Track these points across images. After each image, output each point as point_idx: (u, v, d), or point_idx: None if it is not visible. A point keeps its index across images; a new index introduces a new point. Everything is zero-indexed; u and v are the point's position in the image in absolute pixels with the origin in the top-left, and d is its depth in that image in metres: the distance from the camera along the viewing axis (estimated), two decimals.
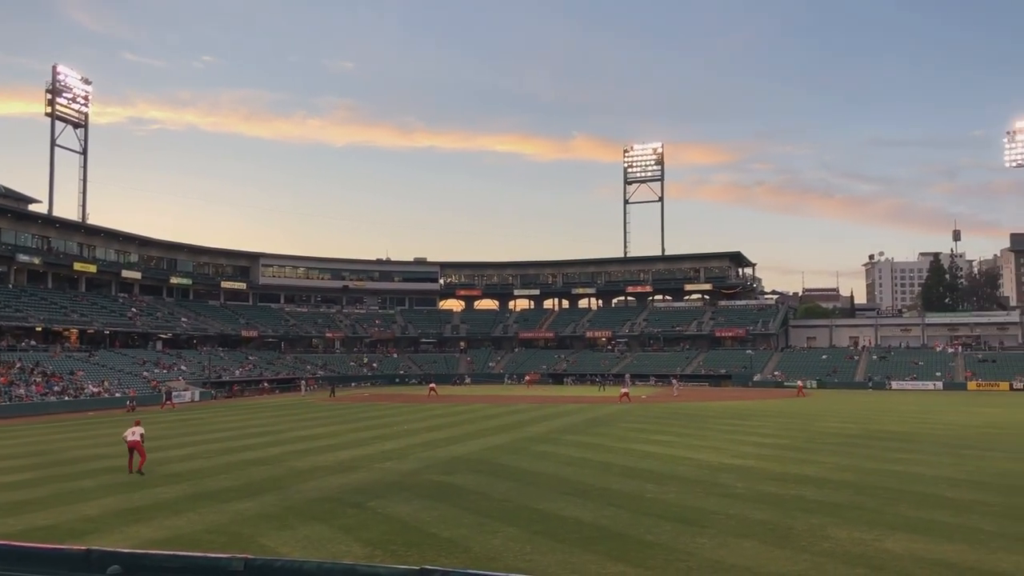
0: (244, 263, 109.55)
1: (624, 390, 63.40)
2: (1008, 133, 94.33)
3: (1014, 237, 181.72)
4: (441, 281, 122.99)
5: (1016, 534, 14.91)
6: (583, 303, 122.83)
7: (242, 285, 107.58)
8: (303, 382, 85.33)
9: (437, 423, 41.95)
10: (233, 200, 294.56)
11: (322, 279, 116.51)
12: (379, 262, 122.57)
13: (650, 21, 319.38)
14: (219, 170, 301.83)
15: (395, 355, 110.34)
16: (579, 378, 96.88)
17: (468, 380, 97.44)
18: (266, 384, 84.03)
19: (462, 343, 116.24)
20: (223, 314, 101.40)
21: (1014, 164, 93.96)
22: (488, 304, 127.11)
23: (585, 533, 15.35)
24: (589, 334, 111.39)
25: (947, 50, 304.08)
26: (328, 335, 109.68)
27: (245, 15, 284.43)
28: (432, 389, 71.42)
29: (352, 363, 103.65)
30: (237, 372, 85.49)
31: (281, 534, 15.58)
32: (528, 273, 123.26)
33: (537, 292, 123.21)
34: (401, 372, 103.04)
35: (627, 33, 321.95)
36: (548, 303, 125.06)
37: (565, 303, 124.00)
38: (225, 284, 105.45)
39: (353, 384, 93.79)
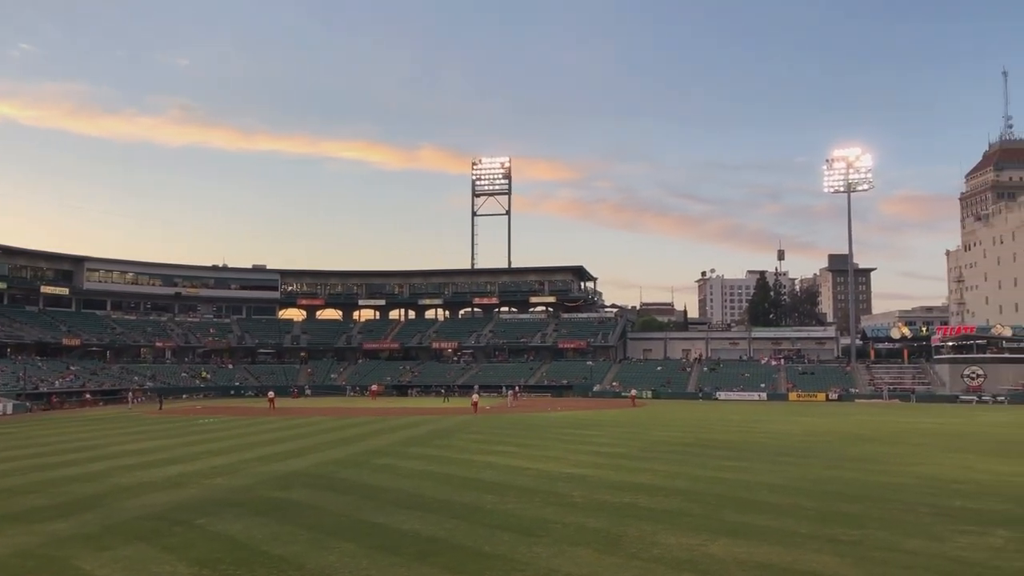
0: (67, 267, 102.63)
1: (475, 399, 65.39)
2: (827, 161, 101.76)
3: (831, 258, 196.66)
4: (282, 289, 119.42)
5: (827, 535, 15.96)
6: (430, 314, 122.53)
7: (64, 290, 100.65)
8: (130, 394, 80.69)
9: (273, 436, 40.64)
10: (57, 200, 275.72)
11: (153, 285, 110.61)
12: (215, 268, 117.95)
13: (495, 37, 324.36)
14: (41, 167, 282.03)
15: (231, 366, 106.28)
16: (424, 389, 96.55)
17: (309, 392, 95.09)
18: (89, 396, 79.21)
19: (303, 353, 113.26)
20: (42, 320, 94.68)
21: (831, 190, 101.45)
22: (331, 314, 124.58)
23: (423, 546, 15.23)
24: (435, 345, 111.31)
25: (775, 82, 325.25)
26: (158, 344, 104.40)
27: (66, 1, 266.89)
28: (271, 400, 69.18)
29: (184, 374, 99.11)
30: (56, 383, 79.98)
31: (99, 555, 14.61)
32: (374, 283, 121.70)
33: (383, 302, 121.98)
34: (237, 383, 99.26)
35: (475, 47, 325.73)
36: (394, 313, 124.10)
37: (412, 314, 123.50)
38: (45, 288, 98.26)
39: (185, 396, 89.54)
